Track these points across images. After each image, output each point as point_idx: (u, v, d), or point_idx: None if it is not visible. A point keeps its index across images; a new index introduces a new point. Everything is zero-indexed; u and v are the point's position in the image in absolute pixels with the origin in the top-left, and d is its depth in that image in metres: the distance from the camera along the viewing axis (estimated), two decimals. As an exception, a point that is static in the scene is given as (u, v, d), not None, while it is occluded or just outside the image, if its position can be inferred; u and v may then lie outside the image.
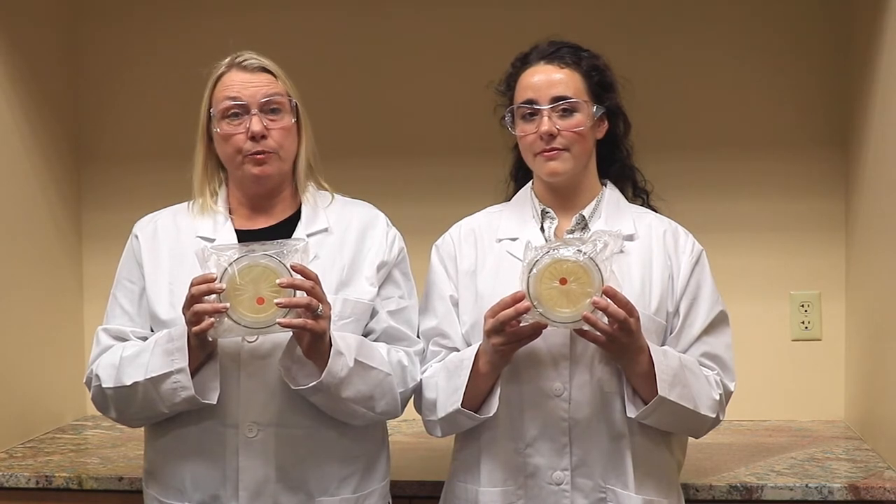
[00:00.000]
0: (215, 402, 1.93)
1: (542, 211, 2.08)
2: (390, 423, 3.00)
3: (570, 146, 1.99)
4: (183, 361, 1.90)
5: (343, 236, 2.08)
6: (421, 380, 2.06)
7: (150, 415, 1.99)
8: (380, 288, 2.08)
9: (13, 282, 2.87)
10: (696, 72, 3.00)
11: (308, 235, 2.04)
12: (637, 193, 2.16)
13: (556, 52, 2.03)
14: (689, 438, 2.12)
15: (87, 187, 3.21)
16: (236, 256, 1.85)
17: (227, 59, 2.07)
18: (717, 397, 1.99)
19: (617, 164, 2.13)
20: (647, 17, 3.00)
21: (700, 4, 3.00)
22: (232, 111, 2.01)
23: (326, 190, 2.16)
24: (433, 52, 3.08)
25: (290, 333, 1.89)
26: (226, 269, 1.84)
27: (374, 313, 2.07)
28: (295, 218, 2.09)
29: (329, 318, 1.89)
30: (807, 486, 2.33)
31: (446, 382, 1.98)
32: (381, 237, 2.12)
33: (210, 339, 1.89)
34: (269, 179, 2.05)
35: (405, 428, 2.96)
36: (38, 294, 2.99)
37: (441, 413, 1.99)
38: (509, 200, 2.17)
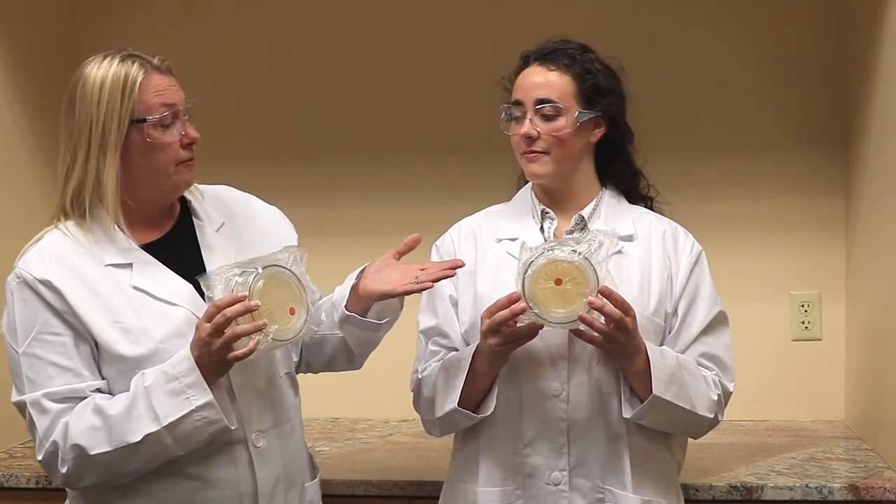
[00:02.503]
0: (236, 426, 1.86)
1: (541, 211, 2.08)
2: (390, 423, 3.03)
3: (549, 150, 1.99)
4: (205, 395, 1.78)
5: (241, 228, 2.02)
6: (422, 378, 2.06)
7: (152, 466, 1.84)
8: None
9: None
10: (696, 72, 3.00)
11: (216, 232, 1.98)
12: (639, 197, 2.15)
13: (551, 54, 2.02)
14: (689, 438, 2.12)
15: (87, 187, 3.21)
16: (258, 271, 1.80)
17: (133, 62, 1.86)
18: (715, 398, 1.98)
19: (617, 168, 2.13)
20: (646, 17, 3.00)
21: (700, 5, 3.00)
22: (168, 119, 1.86)
23: None
24: (434, 50, 3.09)
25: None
26: (251, 285, 1.78)
27: None
28: (184, 220, 1.99)
29: None
30: (807, 486, 2.34)
31: (444, 382, 1.98)
32: (278, 218, 2.10)
33: (237, 362, 1.81)
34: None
35: (405, 428, 2.96)
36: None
37: (439, 412, 1.99)
38: (517, 195, 2.16)
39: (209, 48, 3.13)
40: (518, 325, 1.86)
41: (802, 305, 3.01)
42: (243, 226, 2.03)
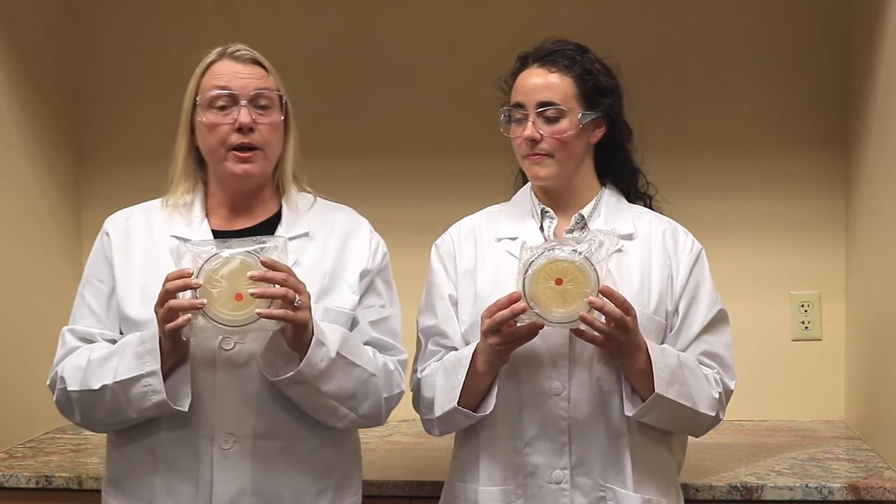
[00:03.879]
0: (186, 409, 1.86)
1: (541, 210, 2.08)
2: (390, 423, 3.01)
3: (553, 152, 1.99)
4: (154, 364, 1.83)
5: (325, 242, 2.03)
6: (420, 379, 2.06)
7: (118, 420, 1.92)
8: (361, 297, 2.02)
9: (13, 281, 2.87)
10: (697, 72, 3.00)
11: (289, 239, 1.96)
12: (638, 196, 2.16)
13: (550, 56, 2.02)
14: (690, 438, 2.12)
15: (87, 187, 3.21)
16: (213, 252, 1.80)
17: (217, 49, 2.01)
18: (717, 396, 1.99)
19: (617, 168, 2.13)
20: (647, 17, 3.01)
21: (700, 5, 3.00)
22: (220, 101, 1.94)
23: (309, 192, 2.10)
24: (434, 50, 3.09)
25: (268, 339, 1.87)
26: (202, 265, 1.79)
27: (354, 323, 2.01)
28: (274, 220, 2.03)
29: (309, 308, 1.83)
30: (807, 486, 2.33)
31: (444, 381, 1.98)
32: (364, 244, 2.06)
33: (184, 339, 1.83)
34: (252, 178, 1.98)
35: (405, 428, 2.96)
36: (38, 294, 2.99)
37: (438, 412, 1.99)
38: (517, 194, 2.16)
39: (206, 48, 3.12)
40: (518, 324, 1.86)
41: (802, 305, 3.01)
42: (325, 243, 2.03)
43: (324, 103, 3.13)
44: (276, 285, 1.79)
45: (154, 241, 2.01)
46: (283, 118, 2.00)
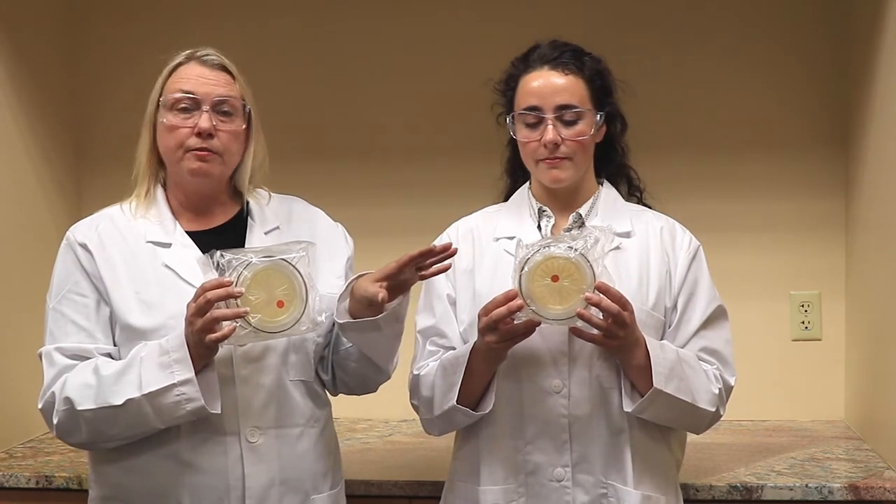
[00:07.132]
0: (220, 412, 1.88)
1: (539, 210, 2.08)
2: (390, 423, 3.03)
3: (573, 155, 1.99)
4: (188, 372, 1.83)
5: (296, 233, 2.04)
6: (419, 377, 2.06)
7: (133, 434, 1.90)
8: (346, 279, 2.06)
9: (13, 281, 2.87)
10: (697, 72, 3.00)
11: (265, 234, 2.03)
12: (632, 192, 2.17)
13: (559, 58, 2.01)
14: (690, 437, 2.12)
15: (87, 187, 3.22)
16: (250, 260, 1.81)
17: (187, 51, 2.01)
18: (716, 391, 1.99)
19: (613, 164, 2.13)
20: (646, 16, 3.01)
21: (700, 4, 3.00)
22: (182, 104, 1.95)
23: (262, 189, 2.11)
24: (432, 52, 3.09)
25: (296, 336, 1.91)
26: (241, 272, 1.80)
27: None
28: (239, 217, 2.06)
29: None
30: (807, 486, 2.33)
31: (442, 380, 1.98)
32: (336, 232, 2.14)
33: (221, 347, 1.84)
34: (207, 180, 1.99)
35: (405, 428, 2.96)
36: (37, 294, 2.98)
37: (437, 411, 1.99)
38: (504, 197, 2.17)
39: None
40: (515, 322, 1.86)
41: (802, 305, 3.01)
42: (297, 234, 2.04)
43: (321, 104, 3.13)
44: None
45: (131, 247, 1.99)
46: (245, 126, 2.01)
